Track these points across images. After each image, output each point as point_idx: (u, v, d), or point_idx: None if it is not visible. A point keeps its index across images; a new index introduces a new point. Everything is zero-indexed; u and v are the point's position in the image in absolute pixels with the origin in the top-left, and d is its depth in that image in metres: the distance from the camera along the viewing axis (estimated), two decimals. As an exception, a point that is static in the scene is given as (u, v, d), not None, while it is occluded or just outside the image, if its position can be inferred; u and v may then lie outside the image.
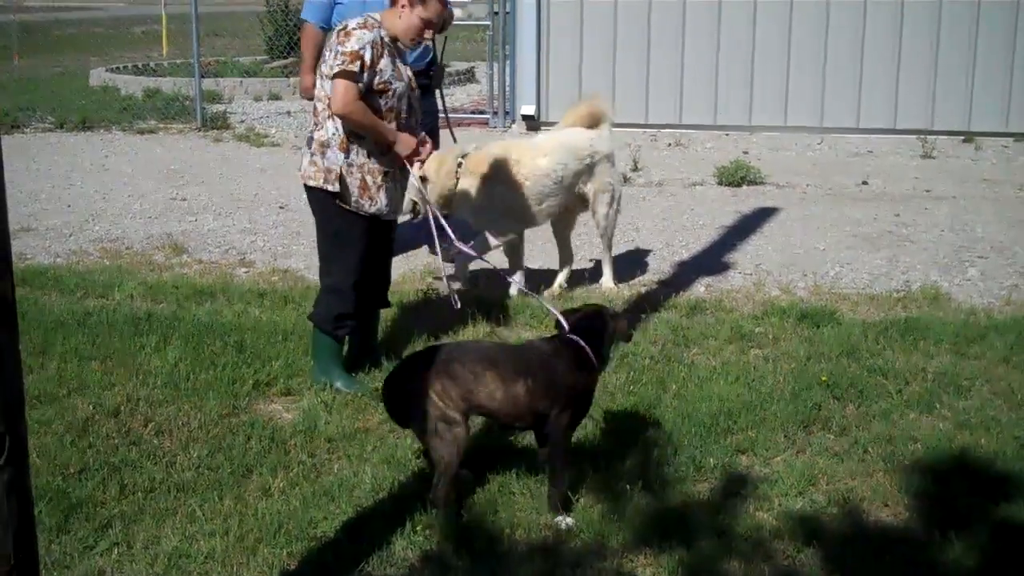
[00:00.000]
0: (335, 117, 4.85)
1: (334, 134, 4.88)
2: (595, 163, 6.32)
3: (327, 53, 4.89)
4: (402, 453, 4.26)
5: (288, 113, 14.49)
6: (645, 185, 9.63)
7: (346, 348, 5.23)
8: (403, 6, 4.91)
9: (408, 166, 5.02)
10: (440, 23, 6.89)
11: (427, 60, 7.14)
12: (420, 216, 6.00)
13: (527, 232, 6.58)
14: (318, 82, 4.95)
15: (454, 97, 16.70)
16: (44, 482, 3.98)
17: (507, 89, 13.30)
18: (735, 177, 9.47)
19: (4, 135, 13.42)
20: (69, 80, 19.58)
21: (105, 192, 9.53)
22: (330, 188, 4.88)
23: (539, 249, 7.18)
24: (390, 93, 4.90)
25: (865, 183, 9.57)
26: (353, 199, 4.92)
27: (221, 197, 9.24)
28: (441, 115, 7.30)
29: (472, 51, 22.18)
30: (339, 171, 4.87)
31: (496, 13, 13.33)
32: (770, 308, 5.95)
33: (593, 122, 6.43)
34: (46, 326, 5.68)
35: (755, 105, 12.28)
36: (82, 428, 4.52)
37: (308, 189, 5.02)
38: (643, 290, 6.44)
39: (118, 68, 20.24)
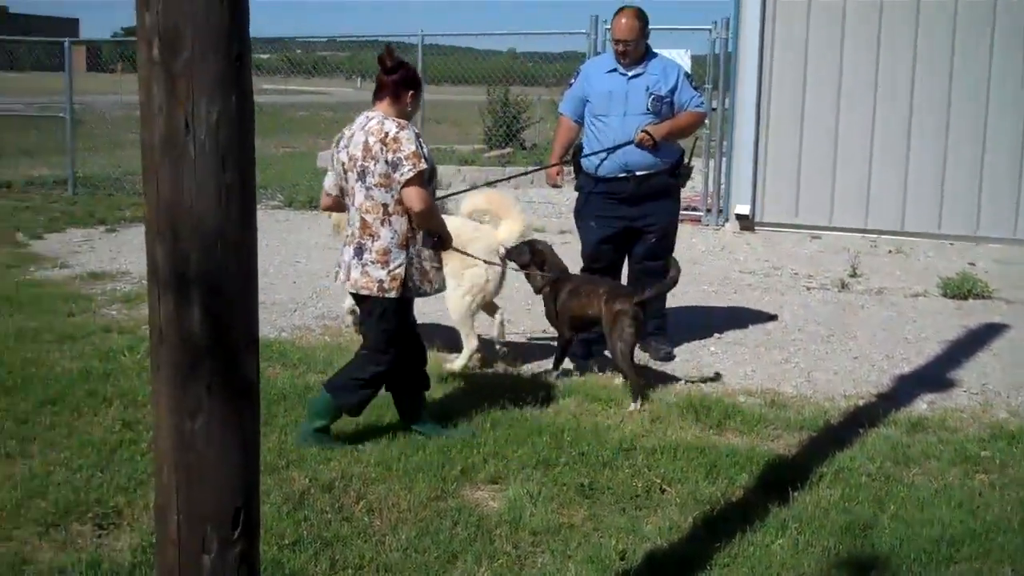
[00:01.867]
0: (390, 222, 5.11)
1: (392, 238, 5.13)
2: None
3: (370, 164, 5.09)
4: (606, 553, 4.20)
5: (503, 201, 14.76)
6: (864, 292, 9.35)
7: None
8: (412, 96, 5.31)
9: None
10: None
11: (675, 159, 7.15)
12: None
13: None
14: (361, 194, 5.15)
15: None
16: (261, 551, 4.11)
17: (721, 187, 13.25)
18: (961, 289, 9.06)
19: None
20: (297, 160, 20.64)
21: (328, 270, 9.87)
22: (393, 295, 5.18)
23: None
24: (437, 179, 5.37)
25: (1104, 302, 9.02)
26: (416, 286, 5.25)
27: (437, 281, 9.48)
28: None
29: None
30: (403, 271, 5.17)
31: (714, 109, 13.34)
32: (998, 431, 5.63)
33: (488, 215, 6.92)
34: (269, 398, 5.91)
35: (983, 215, 11.81)
36: (298, 500, 4.66)
37: (363, 297, 5.28)
38: (861, 403, 6.21)
39: (345, 151, 21.19)
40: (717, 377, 6.68)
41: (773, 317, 8.31)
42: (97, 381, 6.19)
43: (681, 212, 12.33)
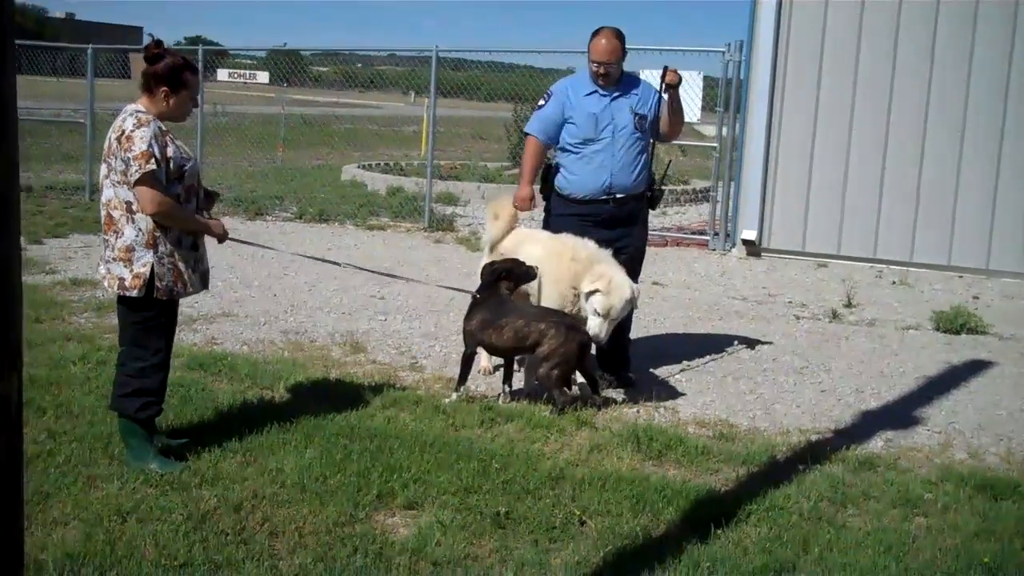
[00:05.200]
0: (134, 220, 4.97)
1: (137, 236, 4.99)
2: None
3: (112, 161, 4.98)
4: (500, 588, 4.03)
5: (514, 220, 14.59)
6: (855, 323, 9.08)
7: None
8: (165, 93, 5.05)
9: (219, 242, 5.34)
10: None
11: (647, 182, 6.97)
12: None
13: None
14: (109, 190, 5.01)
15: (685, 216, 16.52)
16: (145, 572, 4.00)
17: (730, 212, 13.01)
18: (954, 323, 8.75)
19: (247, 220, 14.19)
20: (324, 173, 20.65)
21: (313, 284, 9.84)
22: (134, 294, 5.02)
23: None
24: (186, 175, 5.07)
25: (1104, 343, 8.67)
26: (167, 287, 5.05)
27: (419, 299, 9.35)
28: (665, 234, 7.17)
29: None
30: (148, 270, 4.99)
31: (724, 135, 13.13)
32: (948, 473, 5.35)
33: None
34: (203, 413, 5.81)
35: (994, 247, 11.48)
36: (200, 520, 4.52)
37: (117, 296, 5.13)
38: (814, 438, 5.95)
39: (368, 165, 21.22)
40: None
41: (751, 346, 8.07)
42: (38, 390, 6.10)
43: (689, 235, 12.21)
